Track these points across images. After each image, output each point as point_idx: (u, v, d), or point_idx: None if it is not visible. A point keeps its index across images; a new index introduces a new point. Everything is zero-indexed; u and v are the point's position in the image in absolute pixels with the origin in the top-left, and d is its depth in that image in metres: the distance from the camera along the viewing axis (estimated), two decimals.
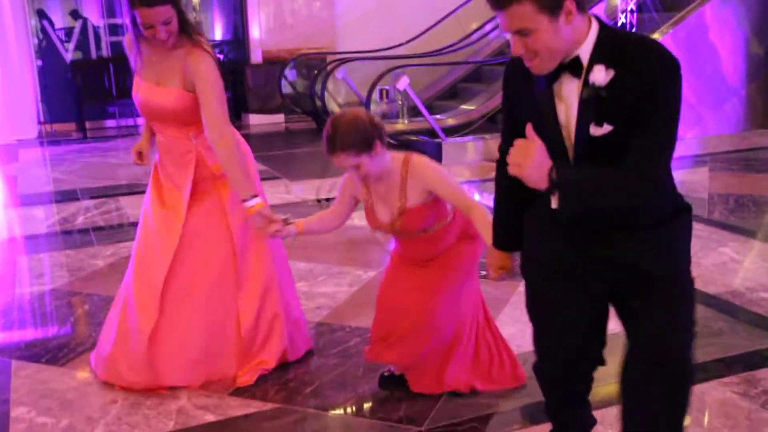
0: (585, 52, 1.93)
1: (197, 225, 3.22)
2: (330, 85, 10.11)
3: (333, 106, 10.22)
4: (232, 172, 3.05)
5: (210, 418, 3.00)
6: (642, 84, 1.87)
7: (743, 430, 2.83)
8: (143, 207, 3.38)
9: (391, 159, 2.82)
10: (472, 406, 3.01)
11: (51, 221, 6.03)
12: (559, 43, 1.90)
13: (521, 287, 4.10)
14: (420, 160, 2.82)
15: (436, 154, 7.21)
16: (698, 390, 3.07)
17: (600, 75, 1.90)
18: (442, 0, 10.43)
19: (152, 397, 3.17)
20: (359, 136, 2.68)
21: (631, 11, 8.45)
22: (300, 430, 2.91)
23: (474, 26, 10.14)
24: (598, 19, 1.99)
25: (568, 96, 1.97)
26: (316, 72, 10.08)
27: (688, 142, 7.98)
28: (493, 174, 2.42)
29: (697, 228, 2.16)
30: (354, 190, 2.98)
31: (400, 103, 9.07)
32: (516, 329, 3.64)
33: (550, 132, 2.00)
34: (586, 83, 1.91)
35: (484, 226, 2.60)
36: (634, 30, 7.86)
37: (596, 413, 2.55)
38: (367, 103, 8.42)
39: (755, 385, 3.14)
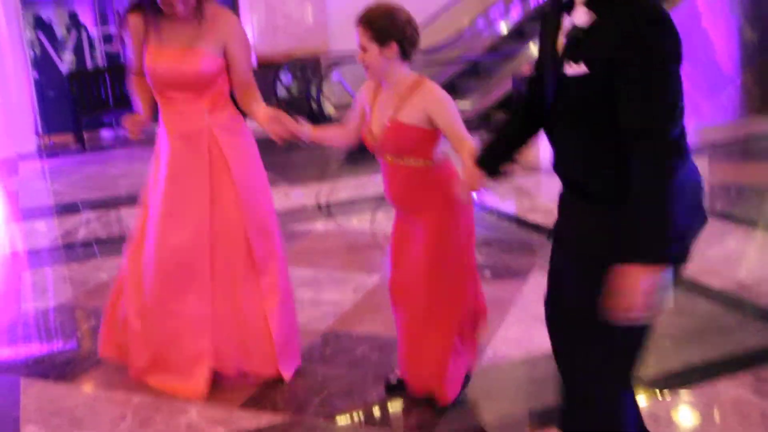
0: None
1: (216, 225, 3.20)
2: (325, 87, 10.09)
3: (329, 108, 10.21)
4: (254, 110, 3.20)
5: (220, 430, 2.97)
6: (620, 32, 1.82)
7: (758, 429, 2.80)
8: (147, 203, 3.34)
9: (406, 75, 2.78)
10: (479, 413, 2.99)
11: (53, 235, 6.00)
12: None
13: (525, 287, 4.12)
14: (434, 85, 2.77)
15: None
16: (710, 389, 3.07)
17: (581, 16, 1.90)
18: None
19: (161, 412, 3.14)
20: (384, 24, 2.69)
21: None
22: None
23: (466, 22, 10.10)
24: None
25: (563, 31, 1.98)
26: (310, 74, 10.05)
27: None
28: None
29: None
30: (363, 102, 2.93)
31: None
32: (521, 330, 3.62)
33: (546, 61, 2.03)
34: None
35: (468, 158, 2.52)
36: None
37: None
38: None
39: (767, 382, 3.10)
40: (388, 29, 2.68)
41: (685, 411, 2.96)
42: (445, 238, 2.83)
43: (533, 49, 9.14)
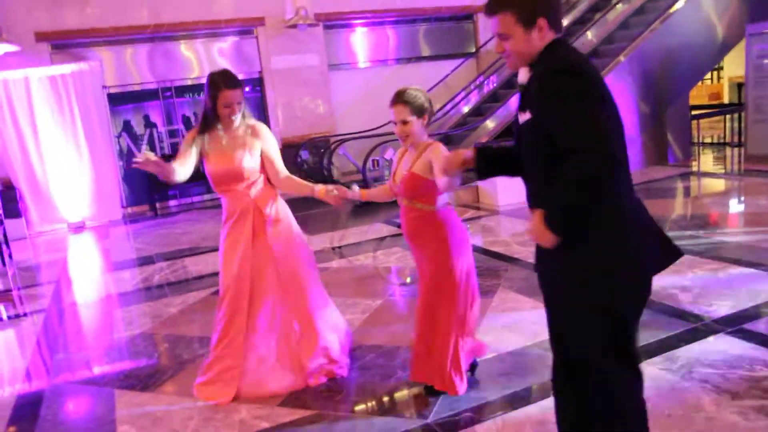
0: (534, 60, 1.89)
1: (257, 262, 3.19)
2: (334, 159, 10.13)
3: (337, 175, 10.24)
4: (298, 186, 3.26)
5: (265, 425, 2.91)
6: (538, 84, 1.79)
7: (669, 397, 2.76)
8: (222, 252, 3.29)
9: (425, 139, 2.81)
10: (465, 399, 2.92)
11: (136, 281, 5.95)
12: (524, 48, 1.85)
13: (493, 302, 4.08)
14: (439, 145, 2.78)
15: None
16: None
17: (523, 75, 1.89)
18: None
19: (220, 412, 3.08)
20: (420, 102, 2.75)
21: None
22: (335, 430, 2.81)
23: (438, 106, 10.20)
24: (555, 39, 1.86)
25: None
26: (322, 151, 10.09)
27: None
28: None
29: None
30: (395, 162, 2.94)
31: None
32: (492, 336, 3.57)
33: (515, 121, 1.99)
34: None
35: None
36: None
37: None
38: (363, 171, 8.41)
39: (675, 361, 3.07)
40: (423, 104, 2.76)
41: None
42: (442, 267, 2.79)
43: (489, 124, 9.23)
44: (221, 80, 3.05)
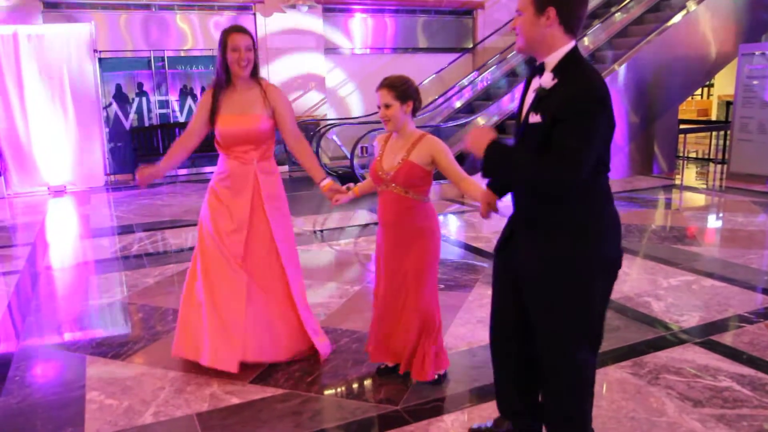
0: (551, 62, 1.96)
1: (254, 245, 3.17)
2: (323, 143, 10.11)
3: (325, 160, 10.22)
4: (311, 162, 3.21)
5: (235, 400, 2.93)
6: (565, 95, 1.87)
7: (635, 401, 2.82)
8: (204, 226, 3.23)
9: (413, 129, 2.83)
10: (435, 389, 2.96)
11: (114, 249, 5.92)
12: (530, 33, 1.95)
13: (470, 297, 4.13)
14: (436, 137, 2.82)
15: None
16: (601, 372, 3.07)
17: (547, 80, 1.94)
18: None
19: (191, 384, 3.09)
20: (404, 87, 2.76)
21: None
22: (304, 410, 2.83)
23: (430, 99, 10.21)
24: (576, 47, 1.97)
25: (532, 89, 2.02)
26: (311, 134, 10.06)
27: None
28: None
29: None
30: (375, 150, 2.94)
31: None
32: (467, 329, 3.61)
33: (519, 113, 2.09)
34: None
35: (474, 188, 2.60)
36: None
37: None
38: (351, 158, 8.40)
39: (643, 366, 3.14)
40: (407, 90, 2.76)
41: None
42: (426, 254, 2.83)
43: (479, 121, 9.26)
44: (230, 28, 3.08)
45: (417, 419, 2.71)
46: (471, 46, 11.85)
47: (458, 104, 10.50)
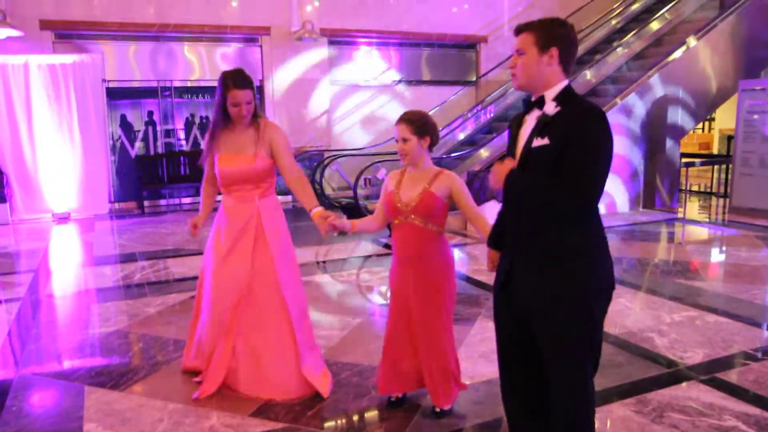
0: (550, 94, 2.10)
1: (256, 276, 3.19)
2: (326, 173, 10.15)
3: (329, 190, 10.25)
4: (305, 192, 3.18)
5: None
6: (573, 116, 2.02)
7: None
8: (207, 261, 3.31)
9: (431, 164, 2.88)
10: (437, 424, 2.92)
11: (116, 277, 5.91)
12: (531, 70, 2.10)
13: (472, 330, 4.10)
14: (454, 174, 2.87)
15: None
16: (604, 409, 3.05)
17: (551, 108, 2.08)
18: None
19: (190, 416, 3.05)
20: (422, 122, 2.82)
21: None
22: None
23: None
24: (569, 85, 2.13)
25: (529, 121, 2.16)
26: (315, 164, 10.12)
27: None
28: None
29: None
30: (387, 186, 2.95)
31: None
32: (468, 364, 3.58)
33: (512, 145, 2.22)
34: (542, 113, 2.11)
35: (487, 228, 2.61)
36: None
37: None
38: (354, 188, 8.42)
39: (647, 404, 3.09)
40: (425, 126, 2.82)
41: None
42: (442, 285, 2.86)
43: (483, 153, 9.30)
44: (231, 79, 3.07)
45: None
46: (474, 78, 11.98)
47: (461, 136, 10.57)
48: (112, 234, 8.28)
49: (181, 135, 10.41)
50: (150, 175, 10.05)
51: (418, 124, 2.79)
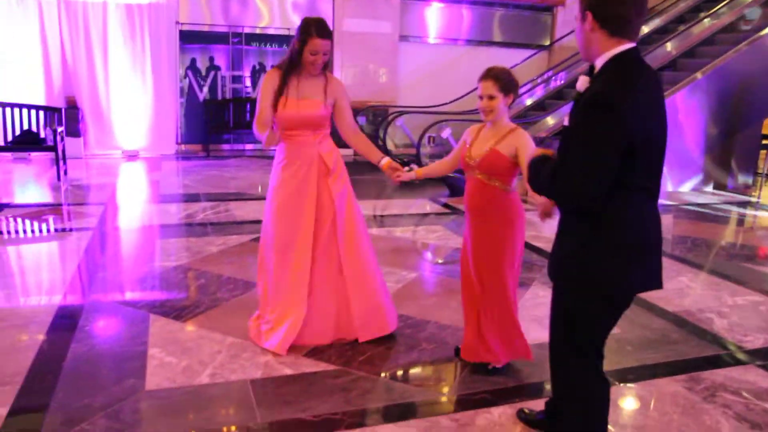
0: (598, 64, 1.93)
1: (319, 212, 3.26)
2: (390, 129, 10.17)
3: (391, 146, 10.27)
4: (368, 148, 3.33)
5: (288, 371, 3.03)
6: (583, 101, 1.85)
7: (688, 416, 2.77)
8: (276, 201, 3.30)
9: (508, 121, 2.89)
10: (485, 381, 2.99)
11: (180, 215, 6.16)
12: (580, 38, 1.97)
13: (527, 295, 4.11)
14: (525, 133, 2.86)
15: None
16: (653, 383, 3.05)
17: (582, 83, 1.93)
18: (477, 72, 10.45)
19: (247, 351, 3.21)
20: (508, 79, 2.82)
21: None
22: (354, 387, 2.91)
23: None
24: (630, 51, 1.88)
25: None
26: (380, 119, 10.13)
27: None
28: None
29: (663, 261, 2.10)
30: (467, 138, 2.97)
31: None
32: (522, 327, 3.60)
33: None
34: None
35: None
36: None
37: None
38: (417, 146, 8.43)
39: (699, 382, 3.07)
40: (510, 83, 2.82)
41: (635, 399, 2.93)
42: (503, 245, 2.87)
43: (549, 120, 9.12)
44: (314, 27, 3.07)
45: (464, 408, 2.75)
46: (548, 43, 11.65)
47: (529, 101, 10.36)
48: (177, 174, 8.59)
49: (248, 82, 10.58)
50: (216, 120, 10.30)
51: (504, 81, 2.78)
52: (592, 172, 1.79)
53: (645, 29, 9.87)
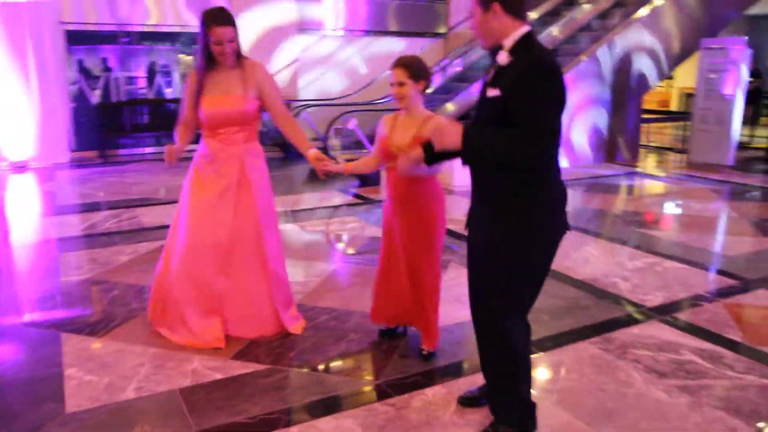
0: (507, 44, 2.08)
1: (237, 218, 3.19)
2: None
3: None
4: (298, 136, 3.22)
5: (218, 376, 2.95)
6: (518, 70, 1.99)
7: (605, 374, 2.96)
8: (184, 202, 3.24)
9: (423, 109, 2.93)
10: (415, 364, 3.04)
11: (82, 227, 5.81)
12: (483, 28, 2.10)
13: (445, 276, 4.21)
14: (444, 119, 2.86)
15: (377, 177, 7.24)
16: (574, 347, 3.23)
17: (503, 57, 2.07)
18: (381, 62, 10.54)
19: (172, 360, 3.09)
20: (418, 66, 2.86)
21: None
22: (287, 385, 2.88)
23: None
24: (531, 32, 2.08)
25: (493, 68, 2.15)
26: None
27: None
28: None
29: (568, 233, 2.23)
30: (381, 131, 2.99)
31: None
32: (442, 308, 3.66)
33: (482, 91, 2.18)
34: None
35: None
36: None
37: None
38: (324, 139, 8.38)
39: (611, 342, 3.29)
40: (420, 70, 2.86)
41: (557, 364, 3.08)
42: (434, 229, 2.97)
43: (449, 107, 9.33)
44: (211, 17, 2.99)
45: (399, 392, 2.79)
46: (444, 31, 11.89)
47: (428, 90, 10.53)
48: (73, 183, 8.08)
49: (143, 83, 10.11)
50: (111, 124, 9.78)
51: (413, 68, 2.84)
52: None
53: (534, 14, 10.27)
